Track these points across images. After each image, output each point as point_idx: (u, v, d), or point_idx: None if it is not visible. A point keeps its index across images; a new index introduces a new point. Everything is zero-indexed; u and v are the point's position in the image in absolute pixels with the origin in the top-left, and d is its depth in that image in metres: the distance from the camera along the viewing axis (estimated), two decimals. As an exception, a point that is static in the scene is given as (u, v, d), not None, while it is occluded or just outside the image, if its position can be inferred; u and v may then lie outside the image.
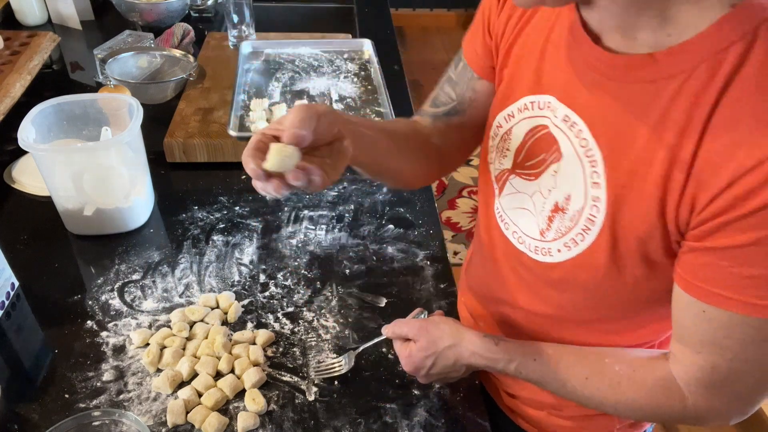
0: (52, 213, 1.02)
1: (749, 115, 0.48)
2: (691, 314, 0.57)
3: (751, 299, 0.51)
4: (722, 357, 0.56)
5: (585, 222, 0.62)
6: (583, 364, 0.67)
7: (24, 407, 0.77)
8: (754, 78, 0.48)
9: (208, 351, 0.83)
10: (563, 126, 0.62)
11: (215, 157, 1.20)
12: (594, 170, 0.59)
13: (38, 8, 1.70)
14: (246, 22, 1.51)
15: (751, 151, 0.48)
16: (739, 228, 0.50)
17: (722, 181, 0.50)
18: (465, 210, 2.71)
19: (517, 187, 0.70)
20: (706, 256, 0.53)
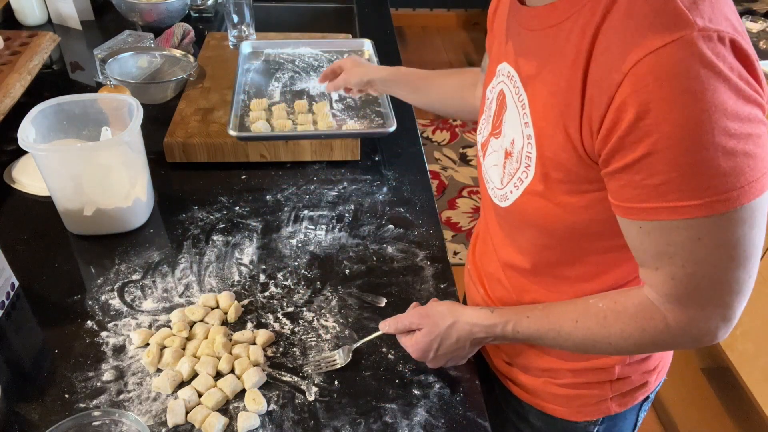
0: (52, 213, 1.02)
1: (620, 38, 0.55)
2: (633, 235, 0.61)
3: (671, 203, 0.55)
4: (675, 265, 0.59)
5: (525, 160, 0.69)
6: (570, 309, 0.71)
7: (24, 407, 0.77)
8: (624, 8, 0.55)
9: (208, 351, 0.83)
10: (508, 81, 0.72)
11: (215, 157, 1.20)
12: (524, 111, 0.68)
13: (38, 8, 1.70)
14: (246, 22, 1.51)
15: (618, 67, 0.54)
16: (631, 142, 0.55)
17: (604, 100, 0.56)
18: (465, 210, 2.71)
19: (493, 147, 0.77)
20: (621, 177, 0.58)
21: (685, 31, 0.52)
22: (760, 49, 1.96)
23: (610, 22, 0.56)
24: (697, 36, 0.51)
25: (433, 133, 3.19)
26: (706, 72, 0.51)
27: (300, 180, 1.19)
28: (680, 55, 0.51)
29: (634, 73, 0.53)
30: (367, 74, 1.09)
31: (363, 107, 1.30)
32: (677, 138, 0.53)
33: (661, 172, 0.54)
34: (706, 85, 0.51)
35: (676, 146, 0.53)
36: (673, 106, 0.52)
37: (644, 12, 0.54)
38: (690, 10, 0.52)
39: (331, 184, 1.18)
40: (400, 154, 1.28)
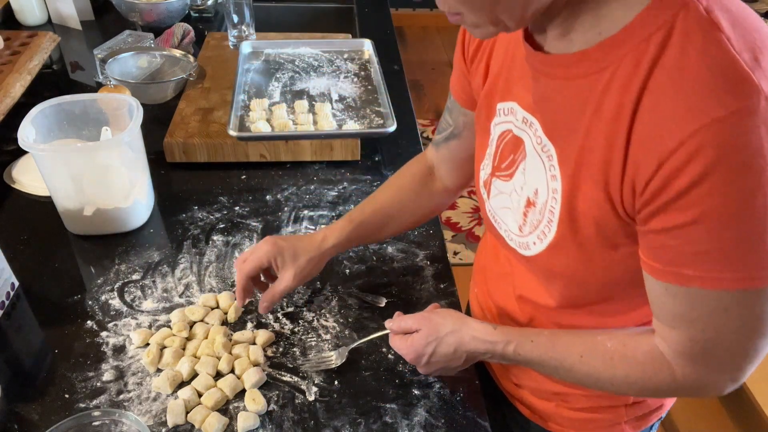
0: (52, 213, 1.02)
1: (670, 98, 0.51)
2: (657, 293, 0.59)
3: (704, 273, 0.54)
4: (695, 329, 0.58)
5: (548, 214, 0.66)
6: (577, 342, 0.69)
7: (24, 407, 0.77)
8: (673, 63, 0.51)
9: (208, 351, 0.83)
10: (524, 127, 0.67)
11: (215, 157, 1.20)
12: (551, 164, 0.64)
13: (38, 8, 1.70)
14: (246, 22, 1.51)
15: (673, 133, 0.50)
16: (677, 208, 0.52)
17: (653, 163, 0.52)
18: (465, 210, 2.71)
19: (499, 188, 0.75)
20: (657, 238, 0.56)
21: (750, 99, 0.48)
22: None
23: (658, 78, 0.52)
24: (765, 106, 0.48)
25: (432, 133, 3.19)
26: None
27: (300, 180, 1.19)
28: (745, 127, 0.48)
29: (692, 141, 0.49)
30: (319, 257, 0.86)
31: (363, 107, 1.30)
32: (727, 212, 0.50)
33: (702, 241, 0.52)
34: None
35: (724, 220, 0.51)
36: (729, 181, 0.49)
37: (700, 71, 0.49)
38: (753, 70, 0.48)
39: (331, 184, 1.18)
40: (400, 154, 1.28)
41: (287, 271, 0.84)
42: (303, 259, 0.84)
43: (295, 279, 0.84)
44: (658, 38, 0.52)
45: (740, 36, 0.50)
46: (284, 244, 0.84)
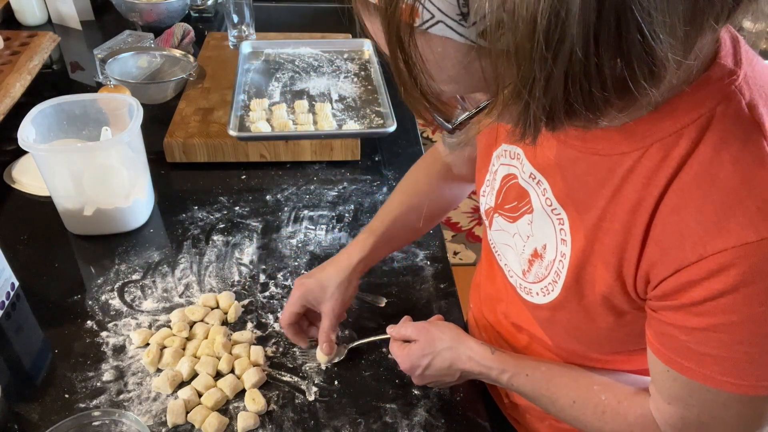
0: (52, 213, 1.02)
1: (697, 207, 0.47)
2: (658, 369, 0.57)
3: (710, 373, 0.52)
4: (690, 413, 0.57)
5: (553, 275, 0.63)
6: (572, 387, 0.68)
7: (24, 407, 0.77)
8: (705, 168, 0.47)
9: (208, 351, 0.83)
10: (531, 181, 0.64)
11: (215, 157, 1.20)
12: (561, 228, 0.61)
13: (38, 8, 1.70)
14: (246, 22, 1.51)
15: (695, 246, 0.47)
16: (692, 312, 0.50)
17: (670, 267, 0.50)
18: (465, 210, 2.71)
19: (501, 225, 0.72)
20: (666, 328, 0.54)
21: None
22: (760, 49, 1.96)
23: (686, 178, 0.48)
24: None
25: (433, 133, 3.19)
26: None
27: (300, 180, 1.19)
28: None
29: (716, 260, 0.46)
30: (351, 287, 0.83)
31: (363, 107, 1.30)
32: (743, 329, 0.48)
33: (711, 347, 0.50)
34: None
35: (739, 335, 0.49)
36: (750, 302, 0.47)
37: (734, 185, 0.45)
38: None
39: (331, 184, 1.18)
40: (400, 154, 1.28)
41: (324, 306, 0.81)
42: (333, 289, 0.81)
43: (335, 311, 0.81)
44: (691, 133, 0.47)
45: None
46: (310, 282, 0.82)
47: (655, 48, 0.36)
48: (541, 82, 0.37)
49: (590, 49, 0.35)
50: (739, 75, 0.48)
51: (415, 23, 0.39)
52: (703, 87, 0.48)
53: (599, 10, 0.34)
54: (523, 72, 0.37)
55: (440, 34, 0.39)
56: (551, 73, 0.37)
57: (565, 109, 0.39)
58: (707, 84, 0.48)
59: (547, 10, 0.34)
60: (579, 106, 0.39)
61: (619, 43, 0.35)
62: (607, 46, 0.35)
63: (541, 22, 0.34)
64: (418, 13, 0.38)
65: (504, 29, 0.36)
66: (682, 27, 0.37)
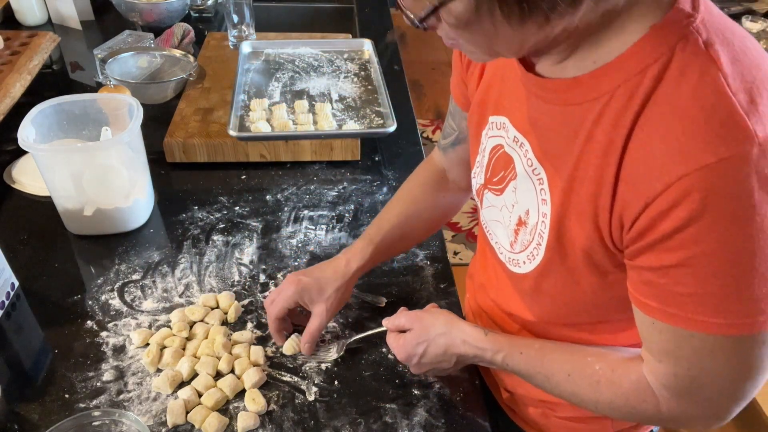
0: (52, 213, 1.02)
1: (660, 138, 0.49)
2: (645, 326, 0.58)
3: (691, 315, 0.53)
4: (681, 367, 0.57)
5: (537, 238, 0.65)
6: (566, 360, 0.68)
7: (24, 407, 0.77)
8: (666, 101, 0.49)
9: (208, 351, 0.83)
10: (514, 146, 0.66)
11: (215, 157, 1.20)
12: (542, 188, 0.63)
13: (38, 8, 1.70)
14: (246, 22, 1.51)
15: (660, 175, 0.49)
16: (663, 249, 0.51)
17: (640, 203, 0.51)
18: (465, 210, 2.71)
19: (490, 201, 0.74)
20: (645, 274, 0.55)
21: (743, 146, 0.46)
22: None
23: (650, 114, 0.50)
24: (756, 153, 0.46)
25: (433, 133, 3.19)
26: (761, 195, 0.47)
27: (300, 180, 1.19)
28: (734, 175, 0.46)
29: (679, 186, 0.48)
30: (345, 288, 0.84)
31: (363, 107, 1.30)
32: (714, 259, 0.49)
33: (688, 284, 0.51)
34: (758, 210, 0.47)
35: (712, 266, 0.49)
36: (716, 228, 0.48)
37: (693, 112, 0.48)
38: (749, 115, 0.46)
39: (331, 184, 1.18)
40: (400, 154, 1.28)
41: (317, 306, 0.82)
42: (330, 291, 0.82)
43: (328, 313, 0.82)
44: (653, 71, 0.50)
45: (738, 74, 0.48)
46: (308, 280, 0.82)
47: None
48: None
49: None
50: (697, 18, 0.50)
51: None
52: (663, 29, 0.50)
53: None
54: None
55: None
56: None
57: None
58: (667, 26, 0.50)
59: None
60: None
61: None
62: None
63: None
64: None
65: None
66: None
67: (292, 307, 0.83)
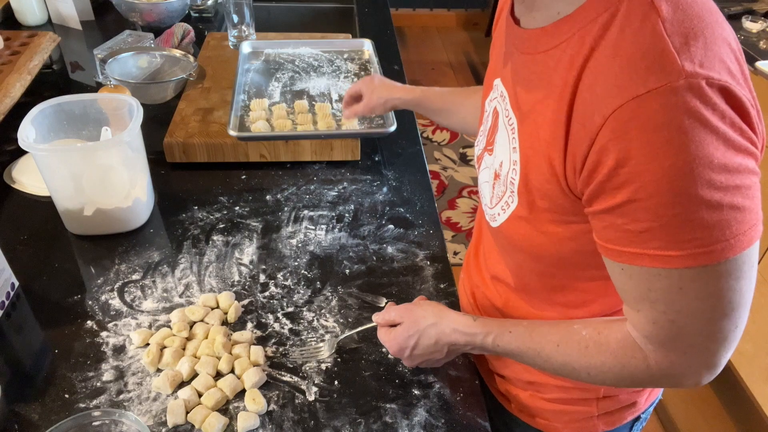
0: (52, 213, 1.02)
1: (604, 78, 0.52)
2: (616, 275, 0.60)
3: (652, 251, 0.54)
4: (657, 310, 0.58)
5: (509, 185, 0.67)
6: (553, 331, 0.70)
7: (24, 407, 0.77)
8: (610, 44, 0.53)
9: (208, 351, 0.83)
10: (501, 101, 0.70)
11: (215, 157, 1.20)
12: (513, 136, 0.66)
13: (38, 8, 1.70)
14: (246, 22, 1.51)
15: (600, 110, 0.52)
16: (612, 187, 0.53)
17: (586, 142, 0.54)
18: (465, 210, 2.71)
19: (486, 162, 0.76)
20: (604, 218, 0.56)
21: (670, 77, 0.49)
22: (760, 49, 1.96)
23: (596, 57, 0.53)
24: (683, 84, 0.49)
25: (433, 133, 3.19)
26: (690, 122, 0.49)
27: (300, 180, 1.19)
28: (663, 104, 0.49)
29: (615, 118, 0.51)
30: (389, 101, 1.09)
31: (363, 107, 1.30)
32: (658, 189, 0.51)
33: (642, 219, 0.53)
34: (690, 137, 0.49)
35: (657, 197, 0.51)
36: (653, 158, 0.50)
37: (630, 51, 0.51)
38: (679, 53, 0.49)
39: (331, 184, 1.18)
40: (400, 154, 1.28)
41: (371, 97, 1.10)
42: (386, 96, 1.08)
43: (373, 103, 1.09)
44: (603, 19, 0.54)
45: (677, 21, 0.51)
46: (379, 80, 1.11)
47: None
48: None
49: None
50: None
51: None
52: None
53: None
54: None
55: None
56: None
57: None
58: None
59: None
60: None
61: None
62: None
63: None
64: None
65: None
66: None
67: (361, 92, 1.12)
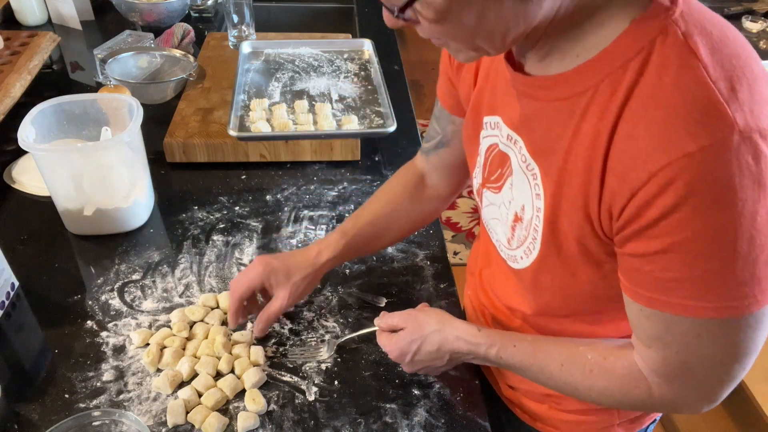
0: (52, 213, 1.02)
1: (644, 128, 0.50)
2: (633, 312, 0.60)
3: (677, 300, 0.54)
4: (669, 351, 0.58)
5: (533, 231, 0.66)
6: (559, 351, 0.69)
7: (24, 407, 0.77)
8: (648, 92, 0.50)
9: (208, 351, 0.83)
10: (509, 144, 0.68)
11: (215, 157, 1.20)
12: (536, 182, 0.64)
13: (38, 8, 1.70)
14: (246, 22, 1.51)
15: (645, 165, 0.50)
16: (649, 236, 0.53)
17: (626, 193, 0.52)
18: (465, 210, 2.71)
19: (490, 199, 0.75)
20: (633, 261, 0.56)
21: (723, 132, 0.47)
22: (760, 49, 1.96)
23: (633, 106, 0.51)
24: (736, 140, 0.47)
25: (433, 133, 3.19)
26: (741, 180, 0.47)
27: (300, 180, 1.19)
28: (715, 161, 0.47)
29: (662, 175, 0.49)
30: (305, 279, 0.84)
31: (363, 107, 1.30)
32: (697, 243, 0.50)
33: (674, 269, 0.52)
34: (740, 195, 0.48)
35: (695, 251, 0.51)
36: (698, 214, 0.49)
37: (674, 101, 0.49)
38: (729, 102, 0.47)
39: (331, 184, 1.18)
40: (400, 154, 1.28)
41: (281, 290, 0.83)
42: (298, 278, 0.83)
43: (290, 298, 0.83)
44: (635, 64, 0.51)
45: (718, 63, 0.49)
46: (277, 263, 0.82)
47: None
48: None
49: None
50: (675, 11, 0.51)
51: None
52: (643, 23, 0.52)
53: None
54: None
55: None
56: None
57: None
58: (646, 20, 0.52)
59: None
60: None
61: None
62: None
63: None
64: None
65: None
66: None
67: (258, 288, 0.83)
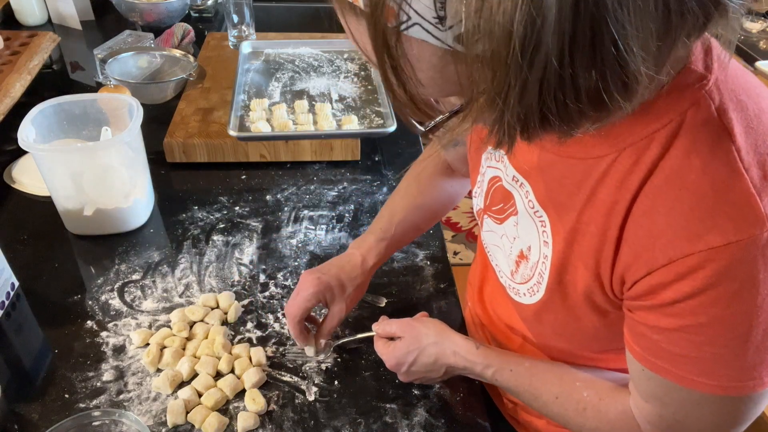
0: (52, 213, 1.02)
1: (667, 210, 0.48)
2: (635, 369, 0.59)
3: (681, 372, 0.53)
4: (666, 410, 0.58)
5: (537, 276, 0.64)
6: (555, 383, 0.69)
7: (24, 407, 0.77)
8: (674, 172, 0.48)
9: (208, 351, 0.83)
10: (514, 184, 0.66)
11: (215, 157, 1.20)
12: (544, 230, 0.62)
13: (38, 8, 1.70)
14: (246, 22, 1.51)
15: (665, 249, 0.48)
16: (663, 313, 0.52)
17: (642, 269, 0.51)
18: (465, 210, 2.71)
19: (490, 226, 0.74)
20: (641, 328, 0.55)
21: (753, 229, 0.45)
22: (760, 49, 1.96)
23: (657, 183, 0.49)
24: (766, 237, 0.45)
25: (433, 133, 3.18)
26: (766, 277, 0.46)
27: (300, 180, 1.19)
28: (740, 258, 0.46)
29: (683, 263, 0.47)
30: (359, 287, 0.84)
31: (363, 107, 1.30)
32: (711, 330, 0.49)
33: (681, 347, 0.52)
34: (760, 290, 0.47)
35: (707, 335, 0.50)
36: (716, 303, 0.48)
37: (703, 189, 0.46)
38: (761, 195, 0.45)
39: (331, 184, 1.18)
40: (400, 154, 1.28)
41: (337, 305, 0.81)
42: (351, 289, 0.82)
43: (347, 311, 0.82)
44: (662, 137, 0.48)
45: (752, 146, 0.46)
46: (328, 279, 0.80)
47: (628, 61, 0.36)
48: (515, 90, 0.37)
49: (565, 58, 0.35)
50: (710, 80, 0.48)
51: (392, 24, 0.39)
52: (674, 92, 0.48)
53: (575, 21, 0.34)
54: (498, 78, 0.37)
55: (417, 36, 0.39)
56: (526, 82, 0.36)
57: (540, 119, 0.39)
58: (677, 89, 0.48)
59: (523, 18, 0.33)
60: (553, 117, 0.39)
61: (594, 54, 0.35)
62: (582, 57, 0.35)
63: (517, 29, 0.34)
64: (396, 14, 0.38)
65: (480, 34, 0.36)
66: (654, 42, 0.37)
67: (312, 308, 0.81)
